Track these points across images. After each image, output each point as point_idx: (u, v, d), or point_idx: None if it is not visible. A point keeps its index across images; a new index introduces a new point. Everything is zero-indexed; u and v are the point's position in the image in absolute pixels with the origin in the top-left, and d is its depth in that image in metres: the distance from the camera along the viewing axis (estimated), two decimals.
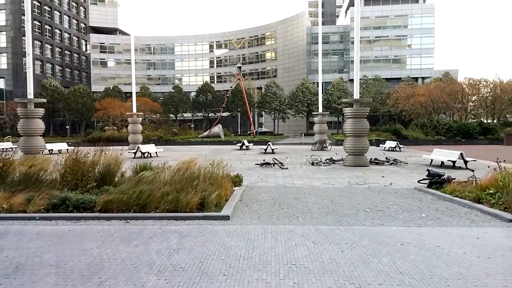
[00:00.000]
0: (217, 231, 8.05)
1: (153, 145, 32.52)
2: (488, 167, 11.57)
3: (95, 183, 10.81)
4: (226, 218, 9.03)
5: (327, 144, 36.39)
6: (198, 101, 78.62)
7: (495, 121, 57.97)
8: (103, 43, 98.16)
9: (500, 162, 11.45)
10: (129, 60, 53.54)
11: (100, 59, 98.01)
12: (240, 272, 5.71)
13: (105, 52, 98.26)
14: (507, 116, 63.05)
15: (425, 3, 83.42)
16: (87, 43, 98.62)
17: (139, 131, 38.00)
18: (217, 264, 6.05)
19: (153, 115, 69.58)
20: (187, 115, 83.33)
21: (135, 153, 28.18)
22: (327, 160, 22.96)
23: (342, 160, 22.81)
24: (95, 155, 11.81)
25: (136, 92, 49.00)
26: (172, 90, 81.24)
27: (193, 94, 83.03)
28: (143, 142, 36.60)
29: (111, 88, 79.67)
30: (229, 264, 6.05)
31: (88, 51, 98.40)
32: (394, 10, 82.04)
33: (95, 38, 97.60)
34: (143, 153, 28.13)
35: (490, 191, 10.42)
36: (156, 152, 29.67)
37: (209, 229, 8.17)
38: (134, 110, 38.67)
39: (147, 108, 64.31)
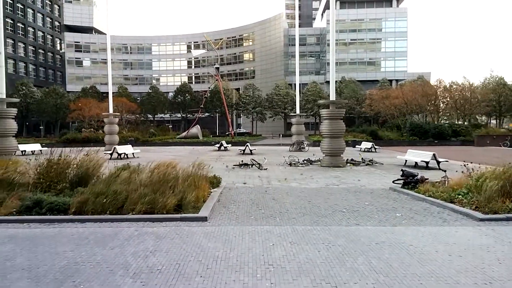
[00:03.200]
0: (195, 232, 8.02)
1: (130, 146, 32.08)
2: (463, 169, 11.90)
3: (69, 185, 10.59)
4: (204, 219, 9.00)
5: (305, 145, 36.67)
6: (176, 101, 77.96)
7: (465, 122, 59.71)
8: (78, 42, 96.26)
9: (467, 164, 11.81)
10: (105, 59, 52.60)
11: (75, 58, 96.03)
12: (217, 273, 5.71)
13: (81, 51, 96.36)
14: (477, 117, 65.09)
15: (398, 7, 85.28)
16: (62, 42, 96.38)
17: (115, 132, 37.41)
18: (194, 266, 6.03)
19: (130, 115, 68.57)
20: (165, 115, 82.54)
21: (111, 154, 27.72)
22: (305, 161, 23.15)
23: (319, 160, 23.04)
24: (71, 157, 11.56)
25: (114, 92, 48.21)
26: (150, 91, 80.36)
27: (171, 94, 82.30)
28: (120, 143, 36.00)
29: (88, 88, 78.20)
30: (207, 266, 6.04)
31: (63, 50, 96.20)
32: (369, 14, 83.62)
33: (70, 37, 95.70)
34: (119, 154, 27.71)
35: (463, 191, 10.75)
36: (133, 153, 29.27)
37: (187, 231, 8.12)
38: (111, 111, 38.01)
39: (125, 109, 63.28)
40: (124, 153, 28.21)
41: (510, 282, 5.39)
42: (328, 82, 45.97)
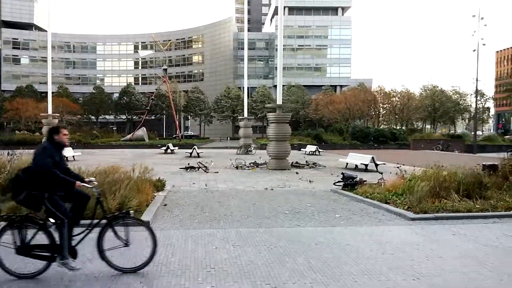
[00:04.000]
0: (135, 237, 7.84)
1: (70, 148, 30.67)
2: (397, 171, 12.61)
3: None
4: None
5: (252, 148, 37.00)
6: (121, 103, 75.60)
7: (403, 127, 63.28)
8: (17, 39, 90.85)
9: (400, 166, 12.57)
10: (46, 57, 50.06)
11: (13, 55, 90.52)
12: (157, 279, 5.64)
13: (19, 48, 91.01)
14: (414, 123, 69.23)
15: (343, 15, 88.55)
16: None
17: None
18: None
19: (71, 116, 65.55)
20: (110, 117, 79.76)
21: None
22: (251, 164, 23.38)
23: (266, 163, 23.37)
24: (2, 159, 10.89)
25: (53, 92, 45.92)
26: (93, 91, 77.25)
27: (116, 95, 79.74)
28: None
29: (25, 87, 73.71)
30: (146, 271, 5.94)
31: None
32: (316, 21, 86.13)
33: (7, 33, 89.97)
34: None
35: (397, 192, 11.40)
36: (73, 156, 28.04)
37: None
38: (50, 111, 36.14)
39: (66, 109, 60.43)
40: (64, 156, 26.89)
41: (436, 277, 5.75)
42: (276, 86, 46.85)
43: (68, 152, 28.14)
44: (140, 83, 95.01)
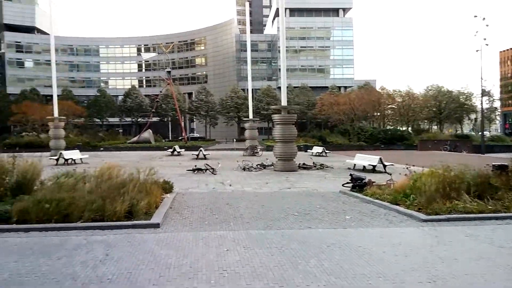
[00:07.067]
0: (147, 239, 7.84)
1: (78, 151, 30.77)
2: (407, 172, 12.53)
3: (9, 192, 10.00)
4: (156, 226, 8.83)
5: (258, 150, 36.91)
6: (126, 105, 75.81)
7: (409, 128, 62.95)
8: (20, 42, 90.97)
9: (409, 166, 12.44)
10: (49, 61, 50.04)
11: (16, 59, 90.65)
12: (170, 281, 5.62)
13: (22, 51, 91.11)
14: (420, 123, 68.88)
15: (345, 17, 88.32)
16: (1, 41, 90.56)
17: (61, 136, 35.74)
18: (146, 274, 5.89)
19: (77, 119, 65.80)
20: (115, 120, 79.93)
21: (57, 159, 26.46)
22: (258, 166, 23.31)
23: (273, 165, 23.29)
24: (9, 162, 10.93)
25: (58, 95, 46.17)
26: (98, 94, 77.51)
27: (120, 98, 79.95)
28: (67, 148, 34.41)
29: (29, 90, 74.04)
30: (159, 274, 5.92)
31: (3, 50, 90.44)
32: (317, 22, 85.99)
33: (10, 36, 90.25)
34: (66, 160, 26.49)
35: (406, 193, 11.28)
36: (80, 159, 28.07)
37: (138, 238, 7.93)
38: (56, 114, 36.28)
39: (71, 112, 60.68)
40: (71, 159, 27.02)
41: (452, 280, 5.67)
42: (280, 88, 46.76)
43: (75, 154, 28.25)
44: (144, 86, 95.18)
